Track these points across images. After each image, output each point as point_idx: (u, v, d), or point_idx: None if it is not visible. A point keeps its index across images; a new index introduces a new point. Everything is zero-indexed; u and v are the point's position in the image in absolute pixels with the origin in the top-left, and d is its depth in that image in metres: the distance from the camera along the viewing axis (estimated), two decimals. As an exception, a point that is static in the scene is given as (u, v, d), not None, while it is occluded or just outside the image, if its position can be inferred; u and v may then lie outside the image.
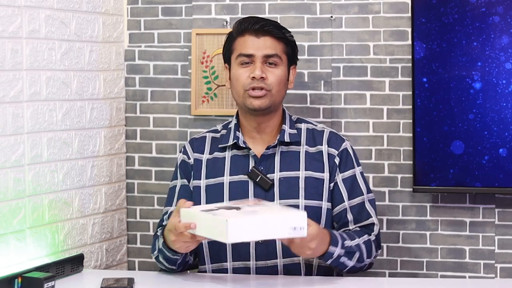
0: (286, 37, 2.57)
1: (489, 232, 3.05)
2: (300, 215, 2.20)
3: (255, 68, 2.50)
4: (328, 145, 2.57)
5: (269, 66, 2.52)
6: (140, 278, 2.42)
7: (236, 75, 2.54)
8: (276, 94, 2.52)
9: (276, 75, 2.52)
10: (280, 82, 2.53)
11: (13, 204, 2.59)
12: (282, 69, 2.55)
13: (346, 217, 2.53)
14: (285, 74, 2.57)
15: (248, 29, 2.54)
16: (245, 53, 2.52)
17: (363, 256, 2.45)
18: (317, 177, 2.54)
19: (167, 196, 2.64)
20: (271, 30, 2.54)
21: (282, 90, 2.56)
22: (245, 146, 2.55)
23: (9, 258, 2.53)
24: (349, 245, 2.41)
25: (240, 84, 2.52)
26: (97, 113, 3.02)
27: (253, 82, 2.50)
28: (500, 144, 2.92)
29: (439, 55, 2.95)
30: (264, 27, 2.53)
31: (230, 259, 2.52)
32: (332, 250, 2.36)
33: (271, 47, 2.53)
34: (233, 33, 2.58)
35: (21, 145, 2.62)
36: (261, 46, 2.52)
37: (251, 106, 2.51)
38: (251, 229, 2.15)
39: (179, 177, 2.61)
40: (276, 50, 2.53)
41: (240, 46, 2.54)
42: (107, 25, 3.09)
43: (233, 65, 2.56)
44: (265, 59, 2.52)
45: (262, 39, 2.53)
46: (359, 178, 2.57)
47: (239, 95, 2.54)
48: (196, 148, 2.62)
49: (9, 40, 2.58)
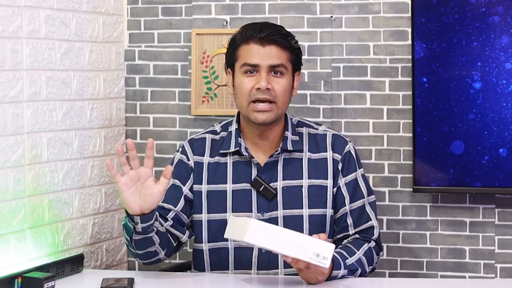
0: (291, 45, 2.51)
1: (489, 232, 3.05)
2: (329, 246, 2.19)
3: (260, 78, 2.44)
4: (333, 150, 2.55)
5: (275, 76, 2.47)
6: (140, 278, 2.42)
7: (240, 84, 2.48)
8: (281, 106, 2.48)
9: (281, 85, 2.47)
10: (285, 92, 2.48)
11: (13, 204, 2.59)
12: (287, 78, 2.49)
13: (346, 221, 2.52)
14: (290, 83, 2.51)
15: (253, 37, 2.47)
16: (250, 63, 2.46)
17: (365, 268, 2.45)
18: (320, 185, 2.52)
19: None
20: (276, 39, 2.47)
21: (287, 100, 2.51)
22: (247, 154, 2.53)
23: (9, 258, 2.53)
24: (351, 263, 2.39)
25: (244, 94, 2.46)
26: (97, 113, 3.02)
27: (258, 94, 2.44)
28: (500, 144, 2.93)
29: (439, 55, 2.95)
30: (269, 36, 2.46)
31: (232, 267, 2.50)
32: (335, 274, 2.34)
33: (276, 57, 2.47)
34: (237, 39, 2.51)
35: (21, 145, 2.62)
36: (267, 55, 2.46)
37: (255, 120, 2.46)
38: (271, 236, 2.15)
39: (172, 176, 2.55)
40: (282, 60, 2.47)
41: (244, 54, 2.48)
42: (107, 25, 3.09)
43: (237, 73, 2.50)
44: (271, 69, 2.46)
45: (267, 48, 2.46)
46: (360, 180, 2.56)
47: (242, 107, 2.49)
48: (196, 150, 2.57)
49: (9, 40, 2.58)
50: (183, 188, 2.54)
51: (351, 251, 2.43)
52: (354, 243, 2.48)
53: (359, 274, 2.41)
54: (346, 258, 2.39)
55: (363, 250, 2.46)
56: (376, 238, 2.54)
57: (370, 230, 2.53)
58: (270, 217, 2.48)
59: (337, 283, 2.33)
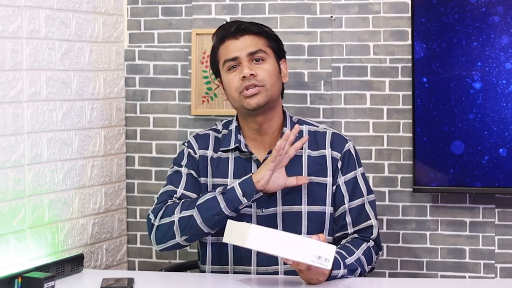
0: (265, 31, 2.55)
1: (489, 232, 3.05)
2: (330, 248, 2.19)
3: (243, 68, 2.48)
4: (332, 148, 2.55)
5: (257, 63, 2.50)
6: (140, 278, 2.42)
7: (228, 81, 2.52)
8: (271, 88, 2.50)
9: (265, 69, 2.50)
10: (271, 75, 2.51)
11: (13, 204, 2.59)
12: (270, 63, 2.52)
13: (345, 219, 2.52)
14: (275, 67, 2.54)
15: (226, 35, 2.53)
16: (229, 57, 2.50)
17: (364, 267, 2.45)
18: (320, 182, 2.53)
19: (170, 177, 2.56)
20: (247, 27, 2.52)
21: (276, 83, 2.53)
22: (247, 150, 2.54)
23: (9, 258, 2.53)
24: (350, 263, 2.40)
25: (233, 88, 2.50)
26: (97, 113, 3.02)
27: (244, 82, 2.47)
28: (500, 144, 2.93)
29: (439, 55, 2.95)
30: (240, 27, 2.52)
31: (231, 262, 2.51)
32: (335, 274, 2.35)
33: (252, 44, 2.51)
34: (215, 44, 2.57)
35: (21, 145, 2.62)
36: (243, 46, 2.50)
37: (248, 106, 2.49)
38: (272, 241, 2.15)
39: (185, 166, 2.56)
40: (259, 46, 2.51)
41: (223, 53, 2.53)
42: (107, 25, 3.09)
43: (223, 73, 2.54)
44: (251, 57, 2.50)
45: (241, 39, 2.51)
46: (360, 179, 2.56)
47: (235, 100, 2.52)
48: (201, 144, 2.59)
49: (9, 40, 2.58)
50: (198, 179, 2.56)
51: (350, 250, 2.44)
52: (353, 243, 2.49)
53: (358, 273, 2.42)
54: (346, 258, 2.39)
55: (362, 249, 2.46)
56: (375, 238, 2.53)
57: (369, 229, 2.53)
58: (269, 213, 2.49)
59: (337, 283, 2.33)
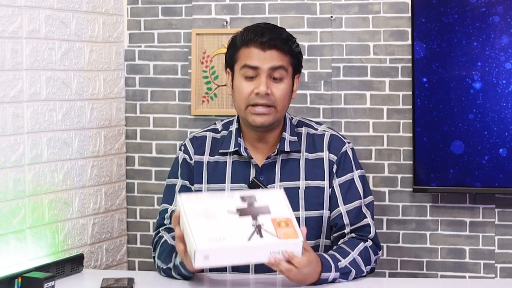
0: (292, 49, 2.48)
1: (489, 232, 3.05)
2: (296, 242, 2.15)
3: (260, 83, 2.42)
4: (329, 151, 2.53)
5: (274, 81, 2.45)
6: (140, 278, 2.42)
7: (240, 88, 2.46)
8: (280, 110, 2.46)
9: (280, 90, 2.45)
10: (284, 96, 2.46)
11: (13, 204, 2.59)
12: (287, 83, 2.47)
13: (342, 220, 2.49)
14: (290, 86, 2.49)
15: (254, 41, 2.45)
16: (250, 64, 2.43)
17: (361, 268, 2.40)
18: (317, 186, 2.51)
19: (165, 193, 2.58)
20: (277, 44, 2.45)
21: (286, 104, 2.49)
22: (246, 154, 2.52)
23: (9, 258, 2.53)
24: (343, 266, 2.34)
25: (243, 97, 2.45)
26: (97, 113, 3.02)
27: (257, 98, 2.42)
28: (500, 144, 2.93)
29: (439, 55, 2.95)
30: (271, 41, 2.44)
31: (229, 270, 2.50)
32: (325, 276, 2.30)
33: (276, 59, 2.44)
34: (237, 41, 2.49)
35: (21, 145, 2.62)
36: (267, 59, 2.43)
37: (253, 123, 2.45)
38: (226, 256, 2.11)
39: (180, 176, 2.56)
40: (282, 62, 2.45)
41: (245, 56, 2.46)
42: (107, 25, 3.09)
43: (237, 75, 2.48)
44: (271, 72, 2.44)
45: (268, 53, 2.44)
46: (357, 182, 2.53)
47: (241, 109, 2.47)
48: (197, 148, 2.57)
49: (9, 40, 2.58)
50: (192, 188, 2.54)
51: (345, 252, 2.39)
52: (348, 243, 2.44)
53: (354, 275, 2.37)
54: (339, 261, 2.34)
55: (358, 250, 2.41)
56: (373, 237, 2.49)
57: (365, 228, 2.49)
58: None
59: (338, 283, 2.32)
